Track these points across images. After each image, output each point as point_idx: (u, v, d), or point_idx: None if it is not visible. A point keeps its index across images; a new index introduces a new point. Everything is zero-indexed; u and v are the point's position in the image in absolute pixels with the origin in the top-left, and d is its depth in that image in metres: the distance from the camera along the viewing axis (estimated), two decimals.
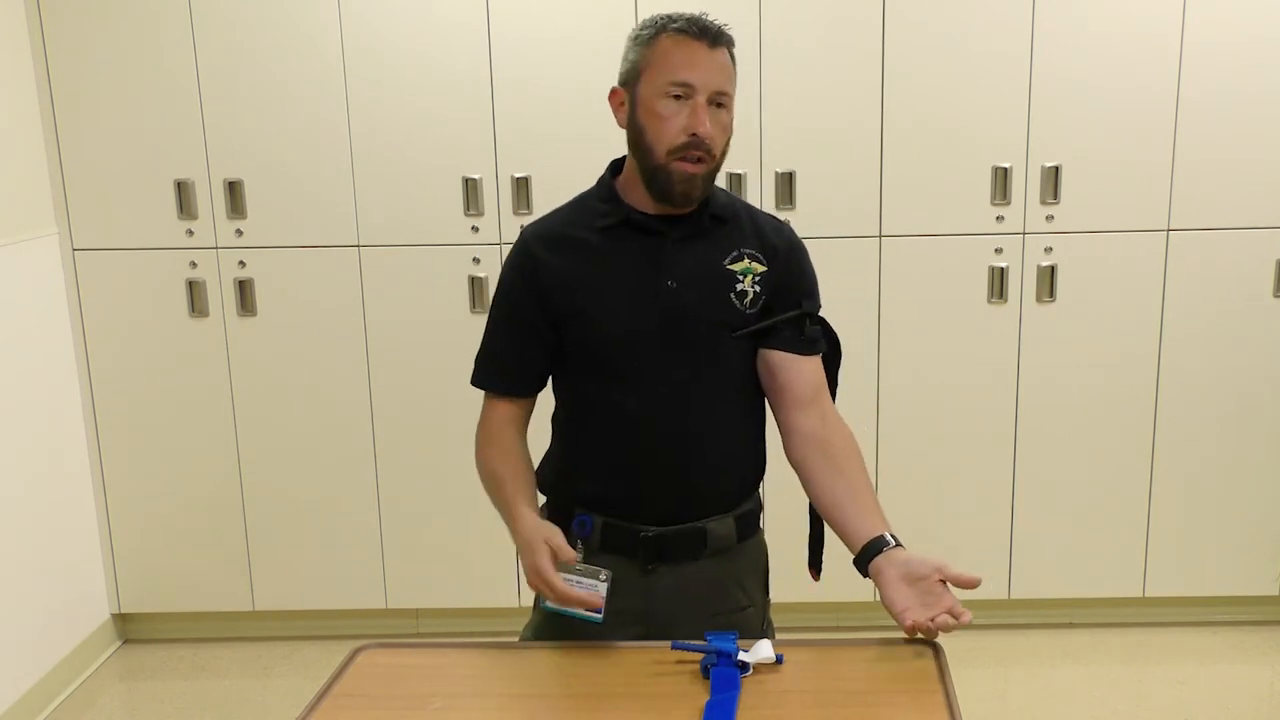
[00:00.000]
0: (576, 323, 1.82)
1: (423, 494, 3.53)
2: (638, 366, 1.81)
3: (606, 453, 1.85)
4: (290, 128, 3.33)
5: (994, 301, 3.38)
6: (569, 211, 1.90)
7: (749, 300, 1.83)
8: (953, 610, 1.62)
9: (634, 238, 1.82)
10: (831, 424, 1.87)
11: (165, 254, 3.41)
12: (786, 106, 3.28)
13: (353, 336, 3.45)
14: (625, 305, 1.80)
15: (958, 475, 3.47)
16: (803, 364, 1.87)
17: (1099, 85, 3.25)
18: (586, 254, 1.82)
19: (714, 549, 1.87)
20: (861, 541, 1.74)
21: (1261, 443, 3.45)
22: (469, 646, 1.83)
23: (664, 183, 1.76)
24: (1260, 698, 3.22)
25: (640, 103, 1.76)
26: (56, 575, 3.38)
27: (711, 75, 1.73)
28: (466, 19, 3.26)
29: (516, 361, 1.89)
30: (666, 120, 1.73)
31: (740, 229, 1.86)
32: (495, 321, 1.92)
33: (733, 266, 1.83)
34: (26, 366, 3.26)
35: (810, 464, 1.85)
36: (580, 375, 1.87)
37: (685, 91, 1.72)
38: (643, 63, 1.76)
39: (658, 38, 1.75)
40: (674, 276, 1.80)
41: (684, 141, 1.73)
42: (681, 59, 1.73)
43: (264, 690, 3.41)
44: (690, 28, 1.74)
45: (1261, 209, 3.32)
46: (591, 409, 1.87)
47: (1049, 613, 3.60)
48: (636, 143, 1.78)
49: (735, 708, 1.52)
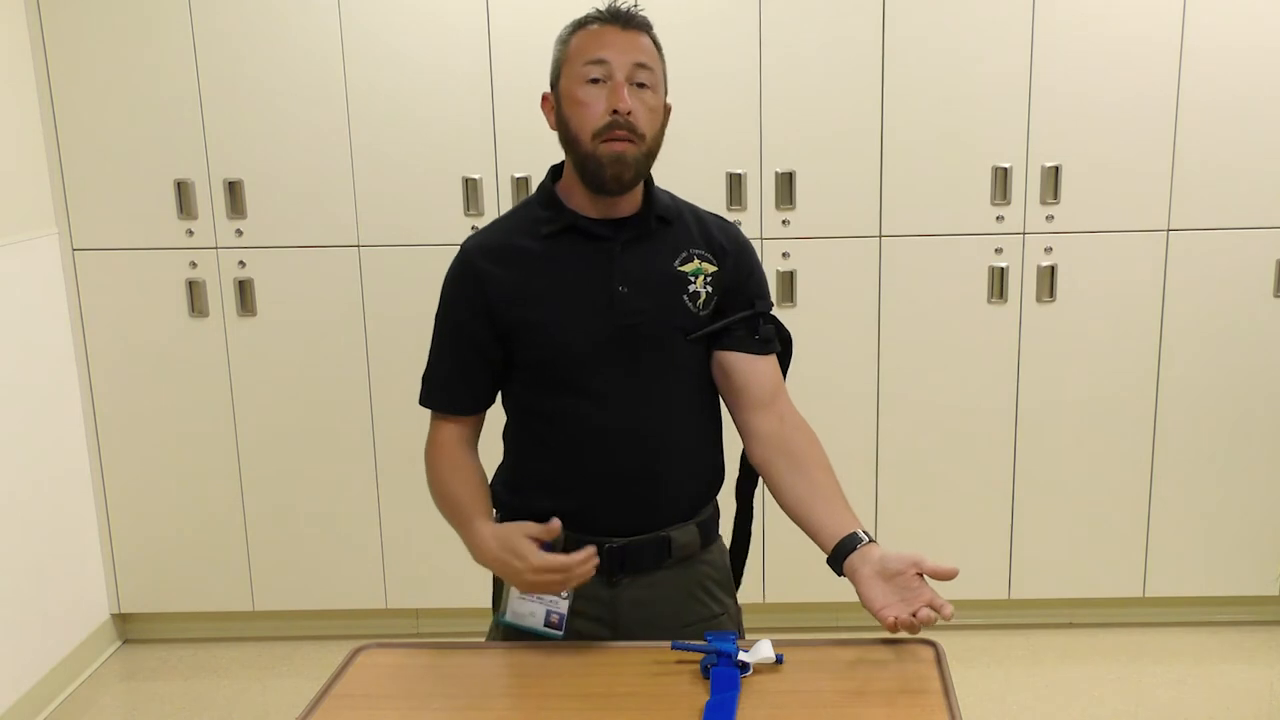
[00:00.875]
0: (526, 334, 1.77)
1: (422, 494, 3.50)
2: (591, 376, 1.76)
3: (563, 465, 1.80)
4: (290, 128, 3.33)
5: (994, 301, 3.38)
6: (510, 221, 1.85)
7: (701, 302, 1.80)
8: (933, 603, 1.59)
9: (580, 243, 1.77)
10: (790, 423, 1.84)
11: (165, 254, 3.41)
12: (786, 106, 3.28)
13: (353, 336, 3.45)
14: (576, 314, 1.75)
15: (958, 475, 3.47)
16: (758, 364, 1.84)
17: (1099, 85, 3.25)
18: (532, 263, 1.77)
19: (678, 557, 1.84)
20: (833, 540, 1.71)
21: (1261, 443, 3.45)
22: (469, 647, 1.83)
23: (595, 169, 1.71)
24: (1260, 698, 3.22)
25: (563, 97, 1.74)
26: (56, 575, 3.38)
27: (625, 53, 1.70)
28: (466, 19, 3.26)
29: (462, 381, 1.84)
30: (588, 105, 1.70)
31: (687, 229, 1.83)
32: (439, 340, 1.86)
33: (683, 268, 1.79)
34: (26, 367, 3.26)
35: (773, 466, 1.82)
36: (531, 387, 1.82)
37: (602, 73, 1.70)
38: (562, 59, 1.75)
39: (574, 34, 1.75)
40: (625, 282, 1.75)
41: (607, 122, 1.69)
42: (594, 42, 1.72)
43: (264, 690, 3.41)
44: (603, 15, 1.74)
45: (1261, 209, 3.32)
46: (545, 421, 1.81)
47: (1049, 613, 3.60)
48: (566, 138, 1.75)
49: (735, 708, 1.52)
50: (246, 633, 3.68)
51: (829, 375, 3.39)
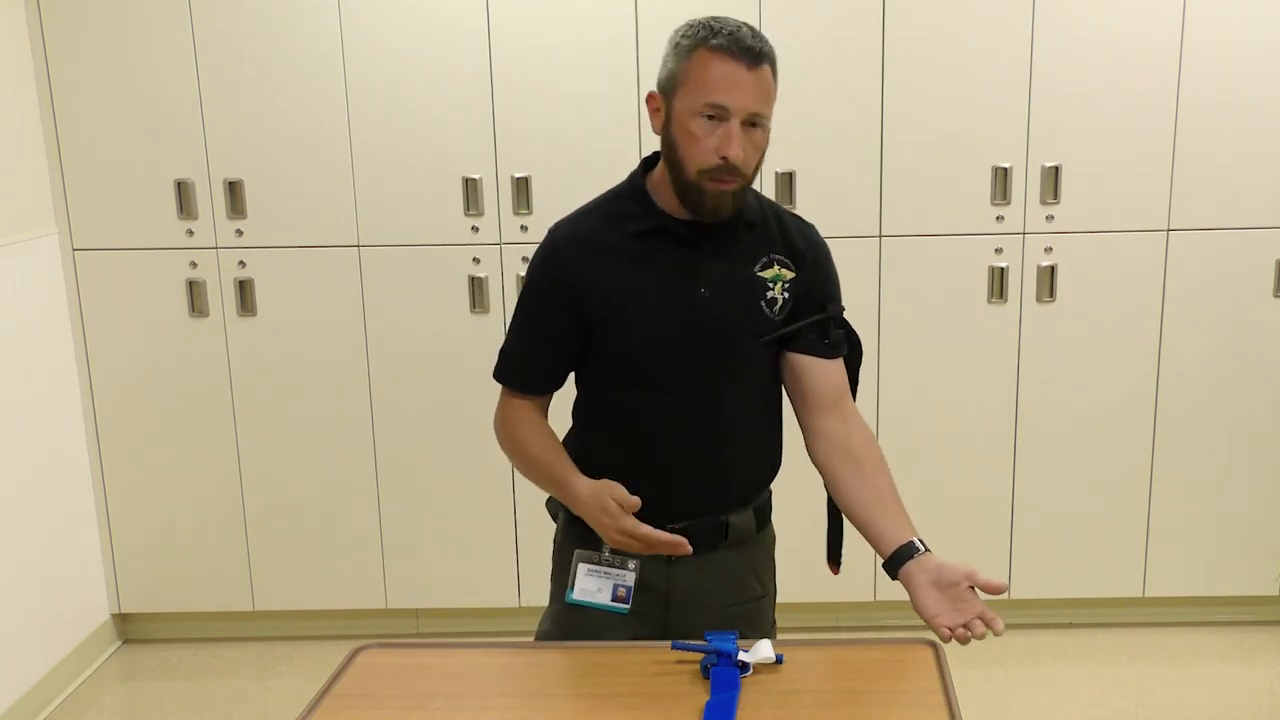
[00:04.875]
0: (606, 329, 1.82)
1: (423, 494, 3.53)
2: (666, 371, 1.82)
3: (630, 451, 1.85)
4: (290, 128, 3.33)
5: (994, 301, 3.38)
6: (600, 213, 1.87)
7: (778, 307, 1.84)
8: (983, 615, 1.67)
9: (667, 244, 1.81)
10: (853, 426, 1.89)
11: (165, 254, 3.41)
12: (786, 106, 3.22)
13: (353, 336, 3.45)
14: (657, 312, 1.80)
15: (958, 475, 3.47)
16: (826, 367, 1.88)
17: (1099, 85, 3.25)
18: (619, 259, 1.81)
19: (734, 540, 1.89)
20: (891, 547, 1.77)
21: (1261, 443, 3.45)
22: (469, 646, 1.83)
23: (695, 199, 1.75)
24: (1260, 698, 3.22)
25: (675, 117, 1.74)
26: (56, 575, 3.38)
27: (747, 98, 1.70)
28: (466, 19, 3.26)
29: (537, 364, 1.90)
30: (699, 140, 1.71)
31: (769, 233, 1.86)
32: (520, 321, 1.90)
33: (763, 274, 1.83)
34: (26, 367, 3.26)
35: (834, 467, 1.87)
36: (606, 376, 1.87)
37: (719, 114, 1.70)
38: (680, 75, 1.72)
39: (697, 50, 1.70)
40: (707, 285, 1.80)
41: (715, 164, 1.71)
42: (718, 79, 1.69)
43: (264, 690, 3.41)
44: (731, 46, 1.69)
45: (1261, 209, 3.31)
46: (616, 410, 1.87)
47: (1049, 613, 3.60)
48: (670, 156, 1.77)
49: (735, 708, 1.52)
50: (246, 633, 3.68)
51: None
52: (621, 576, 1.81)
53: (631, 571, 1.81)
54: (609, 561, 1.82)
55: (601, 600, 1.82)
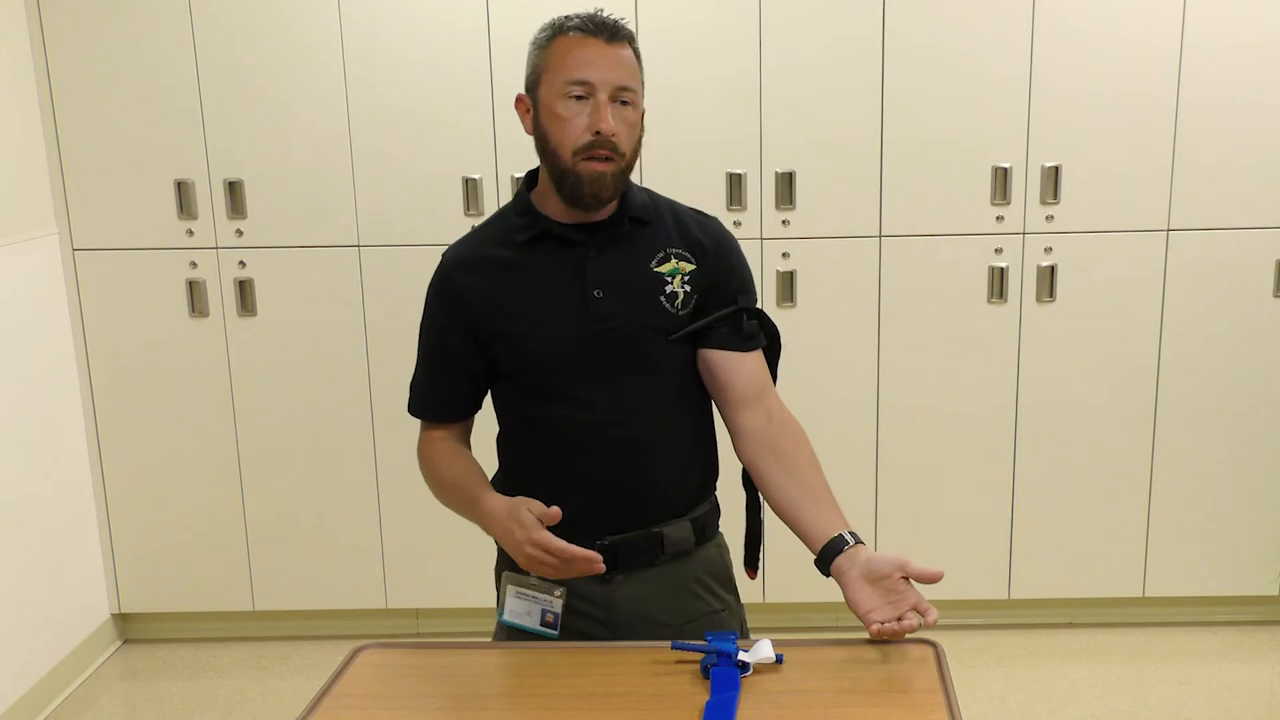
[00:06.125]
0: (505, 344, 1.78)
1: (423, 494, 3.51)
2: (574, 381, 1.77)
3: (553, 468, 1.81)
4: (290, 128, 3.33)
5: (994, 301, 3.38)
6: (486, 230, 1.85)
7: (680, 301, 1.79)
8: (918, 607, 1.61)
9: (555, 250, 1.77)
10: (779, 421, 1.83)
11: (165, 254, 3.42)
12: (786, 106, 3.28)
13: (353, 336, 3.45)
14: (553, 321, 1.76)
15: (958, 475, 3.47)
16: (743, 361, 1.82)
17: (1099, 85, 3.25)
18: (508, 272, 1.78)
19: (672, 553, 1.83)
20: (820, 541, 1.71)
21: (1261, 443, 3.45)
22: (469, 646, 1.83)
23: (573, 185, 1.71)
24: (1260, 698, 3.22)
25: (542, 106, 1.73)
26: (56, 575, 3.38)
27: (610, 71, 1.69)
28: (466, 20, 3.26)
29: (446, 391, 1.87)
30: (568, 121, 1.69)
31: (664, 228, 1.81)
32: (423, 352, 1.89)
33: (659, 269, 1.78)
34: (26, 366, 3.26)
35: (761, 464, 1.81)
36: (517, 394, 1.83)
37: (585, 90, 1.68)
38: (542, 66, 1.73)
39: (555, 39, 1.71)
40: (599, 286, 1.76)
41: (588, 141, 1.68)
42: (578, 58, 1.69)
43: (264, 690, 3.41)
44: (586, 25, 1.70)
45: (1261, 209, 3.32)
46: (532, 427, 1.82)
47: (1049, 613, 3.60)
48: (543, 148, 1.74)
49: (735, 708, 1.52)
50: (246, 633, 3.68)
51: (828, 375, 3.39)
52: (549, 602, 1.75)
53: (558, 599, 1.75)
54: (536, 586, 1.77)
55: (531, 624, 1.78)
